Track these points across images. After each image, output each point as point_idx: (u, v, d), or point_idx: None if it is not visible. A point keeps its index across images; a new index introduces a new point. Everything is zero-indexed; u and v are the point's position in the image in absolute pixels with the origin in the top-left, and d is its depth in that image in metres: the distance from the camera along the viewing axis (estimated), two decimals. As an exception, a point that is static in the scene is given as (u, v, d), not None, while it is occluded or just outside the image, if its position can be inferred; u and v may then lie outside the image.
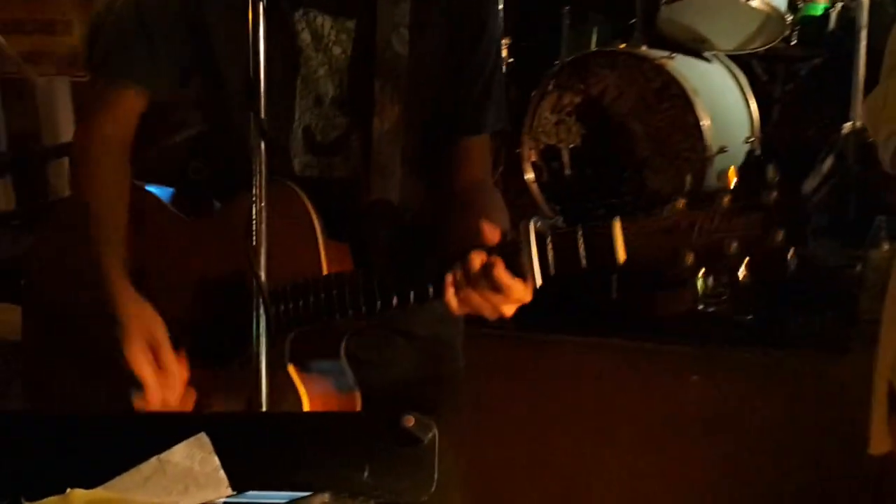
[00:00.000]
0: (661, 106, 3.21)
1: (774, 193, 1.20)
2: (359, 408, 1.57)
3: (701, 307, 2.80)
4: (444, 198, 1.68)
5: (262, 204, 1.24)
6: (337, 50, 1.62)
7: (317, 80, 1.63)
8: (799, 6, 3.32)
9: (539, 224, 1.34)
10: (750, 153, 3.39)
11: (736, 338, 2.71)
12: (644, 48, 3.29)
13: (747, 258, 1.22)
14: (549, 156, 3.43)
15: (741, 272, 1.23)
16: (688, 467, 2.45)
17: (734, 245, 1.20)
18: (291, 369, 1.52)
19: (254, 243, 1.24)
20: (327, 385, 1.57)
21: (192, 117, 2.05)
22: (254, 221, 1.23)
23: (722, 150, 3.19)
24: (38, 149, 4.36)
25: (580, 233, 1.29)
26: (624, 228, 1.26)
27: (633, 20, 3.43)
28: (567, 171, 3.41)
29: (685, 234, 1.23)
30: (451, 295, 1.36)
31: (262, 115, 1.23)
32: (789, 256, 1.21)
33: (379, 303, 1.43)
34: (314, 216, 1.53)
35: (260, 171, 1.23)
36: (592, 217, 3.26)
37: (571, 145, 3.38)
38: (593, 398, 2.61)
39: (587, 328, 2.76)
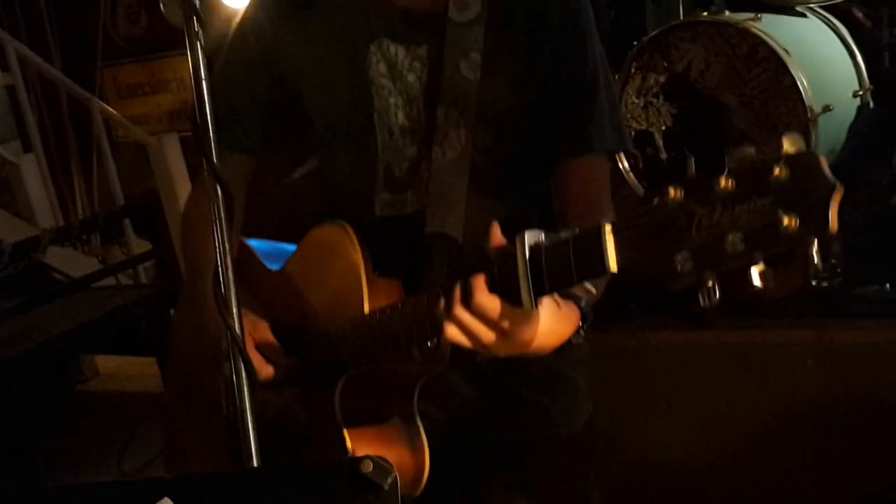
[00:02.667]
0: (751, 72, 2.97)
1: (784, 169, 0.92)
2: (427, 467, 1.48)
3: (814, 283, 2.56)
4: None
5: (226, 249, 1.18)
6: (411, 77, 1.58)
7: (389, 111, 1.59)
8: (895, -59, 3.03)
9: (538, 237, 1.17)
10: (862, 108, 3.12)
11: (857, 313, 2.46)
12: (727, 13, 3.07)
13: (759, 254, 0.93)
14: (642, 141, 3.26)
15: (756, 281, 0.95)
16: (808, 462, 2.23)
17: (737, 239, 0.94)
18: (339, 419, 1.46)
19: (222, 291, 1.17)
20: (392, 439, 1.48)
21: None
22: (220, 269, 1.16)
23: (826, 108, 2.93)
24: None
25: (571, 242, 1.12)
26: (616, 233, 1.06)
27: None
28: (663, 155, 3.22)
29: (682, 232, 0.98)
30: (442, 319, 1.24)
31: (214, 160, 1.16)
32: (813, 251, 0.91)
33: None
34: (358, 252, 1.48)
35: (218, 217, 1.16)
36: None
37: (664, 128, 3.20)
38: (701, 398, 2.43)
39: (682, 324, 2.56)
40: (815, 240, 0.90)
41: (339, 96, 1.61)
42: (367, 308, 1.45)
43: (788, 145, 0.94)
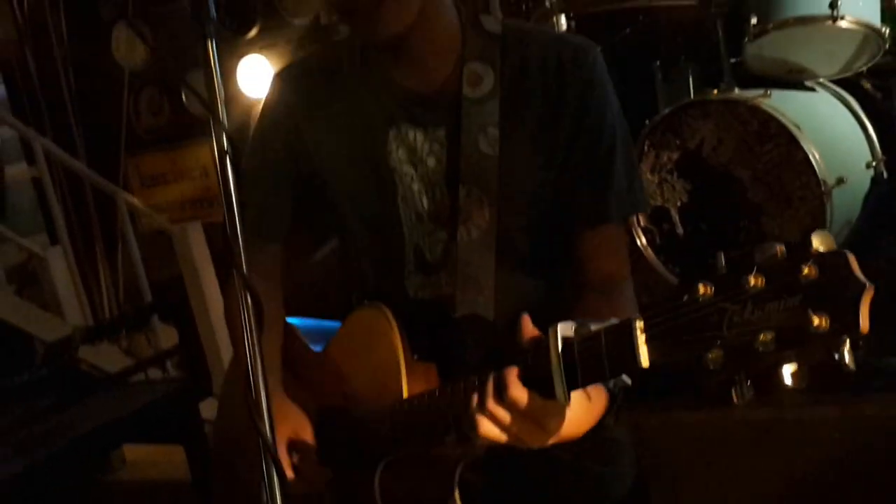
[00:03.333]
0: (763, 147, 3.01)
1: (814, 268, 0.92)
2: None
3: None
4: (567, 303, 1.56)
5: (256, 351, 1.21)
6: (431, 161, 1.59)
7: (413, 197, 1.60)
8: (898, 13, 3.08)
9: (569, 330, 1.18)
10: (876, 178, 3.14)
11: (879, 385, 2.45)
12: (737, 91, 3.12)
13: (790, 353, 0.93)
14: (658, 217, 3.29)
15: (788, 381, 0.95)
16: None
17: (768, 339, 0.93)
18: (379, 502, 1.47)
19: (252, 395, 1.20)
20: None
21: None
22: (249, 373, 1.19)
23: (840, 181, 2.96)
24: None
25: (603, 337, 1.12)
26: (647, 329, 1.06)
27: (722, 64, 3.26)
28: (679, 231, 3.25)
29: (713, 329, 0.98)
30: (475, 413, 1.25)
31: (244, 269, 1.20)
32: (844, 351, 0.90)
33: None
34: (397, 337, 1.50)
35: (247, 318, 1.19)
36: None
37: (679, 203, 3.24)
38: (727, 475, 2.41)
39: (704, 402, 2.56)
40: (847, 339, 0.89)
41: (363, 185, 1.62)
42: (405, 393, 1.47)
43: (818, 243, 0.94)
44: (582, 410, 1.29)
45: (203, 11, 1.22)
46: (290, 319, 1.79)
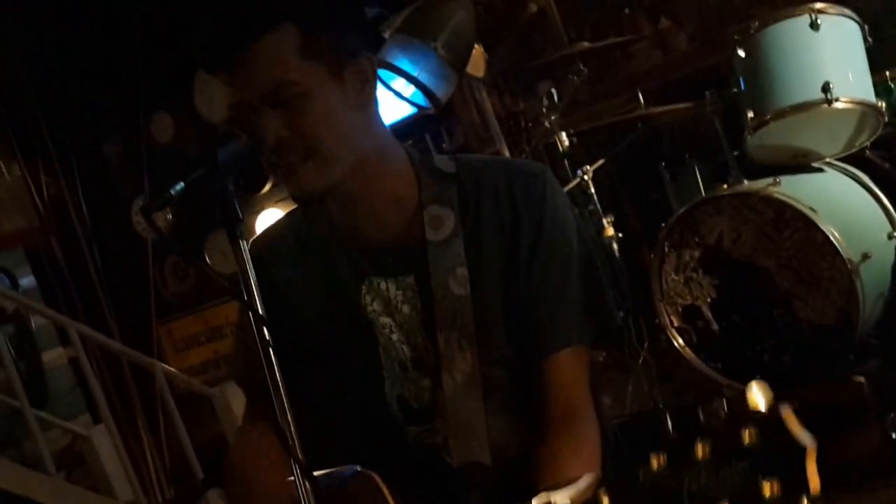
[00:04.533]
0: (782, 235, 3.04)
1: (754, 431, 0.90)
2: None
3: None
4: (534, 440, 1.53)
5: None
6: (407, 308, 1.57)
7: (395, 346, 1.59)
8: (892, 87, 3.14)
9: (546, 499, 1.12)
10: (901, 247, 3.15)
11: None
12: (746, 183, 3.16)
13: None
14: (690, 316, 3.29)
15: None
16: None
17: None
18: None
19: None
20: None
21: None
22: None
23: (865, 256, 2.97)
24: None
25: None
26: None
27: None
28: (714, 327, 3.25)
29: (673, 500, 0.94)
30: None
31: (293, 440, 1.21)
32: None
33: None
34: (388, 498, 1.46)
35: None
36: (759, 368, 3.12)
37: (709, 300, 3.24)
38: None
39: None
40: (805, 498, 0.87)
41: (344, 342, 1.62)
42: None
43: (755, 400, 0.92)
44: None
45: (221, 188, 1.27)
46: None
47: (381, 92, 2.14)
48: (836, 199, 3.13)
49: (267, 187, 5.85)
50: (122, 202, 6.25)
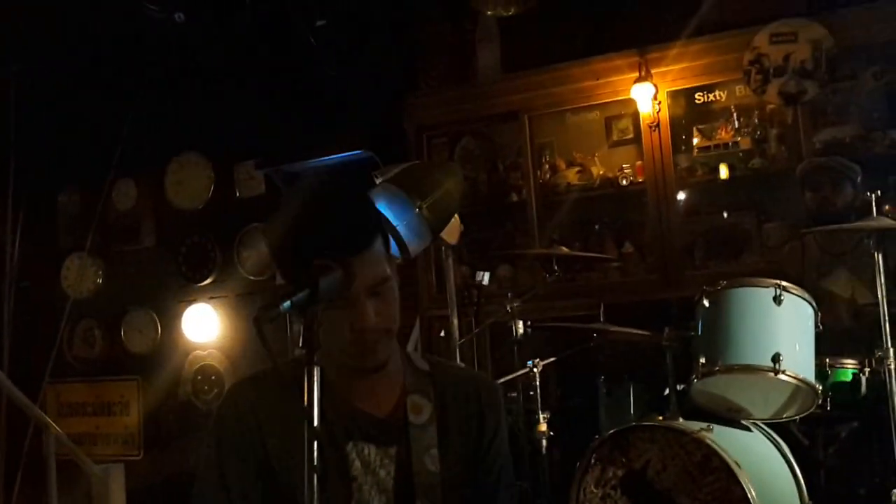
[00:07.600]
0: (705, 479, 3.20)
1: None
2: None
3: None
4: None
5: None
6: (382, 473, 1.78)
7: (368, 502, 1.76)
8: (828, 373, 3.42)
9: None
10: (803, 523, 3.34)
11: None
12: (681, 420, 3.36)
13: None
14: (598, 533, 3.39)
15: None
16: None
17: None
18: None
19: None
20: None
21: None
22: None
23: (772, 521, 3.16)
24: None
25: None
26: None
27: (667, 392, 3.52)
28: (617, 550, 3.35)
29: None
30: None
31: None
32: None
33: None
34: None
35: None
36: None
37: (620, 521, 3.36)
38: None
39: None
40: None
41: (324, 494, 1.65)
42: None
43: None
44: None
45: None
46: None
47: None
48: (758, 459, 3.33)
49: (208, 280, 5.85)
50: (57, 254, 6.16)
